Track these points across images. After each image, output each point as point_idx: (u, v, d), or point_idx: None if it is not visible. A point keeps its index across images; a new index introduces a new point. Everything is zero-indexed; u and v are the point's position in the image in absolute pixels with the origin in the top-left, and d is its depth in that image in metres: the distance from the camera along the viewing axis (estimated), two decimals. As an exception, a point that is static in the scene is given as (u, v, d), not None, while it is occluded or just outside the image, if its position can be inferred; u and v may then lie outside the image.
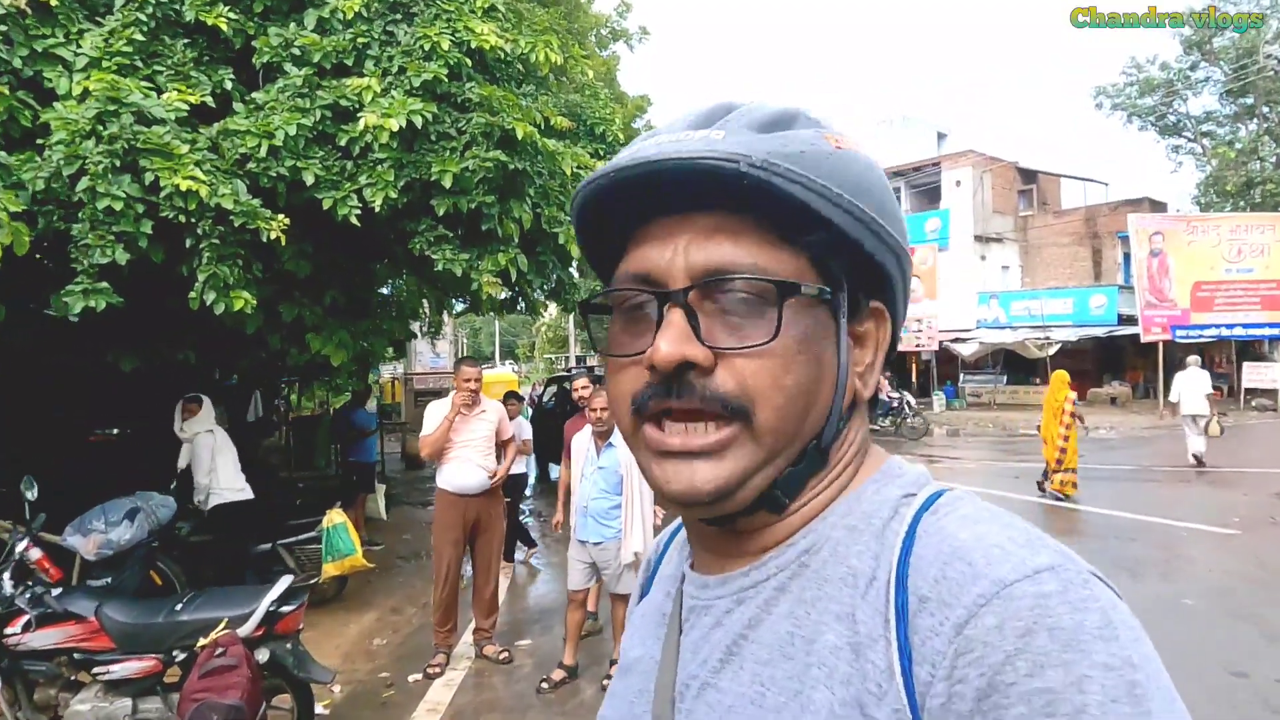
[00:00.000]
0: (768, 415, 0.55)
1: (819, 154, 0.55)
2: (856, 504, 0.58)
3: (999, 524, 0.52)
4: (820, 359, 0.57)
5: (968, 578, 0.48)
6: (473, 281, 5.72)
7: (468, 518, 4.79)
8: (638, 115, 13.11)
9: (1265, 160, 26.79)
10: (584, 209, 0.61)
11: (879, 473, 0.61)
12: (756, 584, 0.58)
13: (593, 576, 4.45)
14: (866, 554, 0.54)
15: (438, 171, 5.29)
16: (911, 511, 0.55)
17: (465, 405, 4.84)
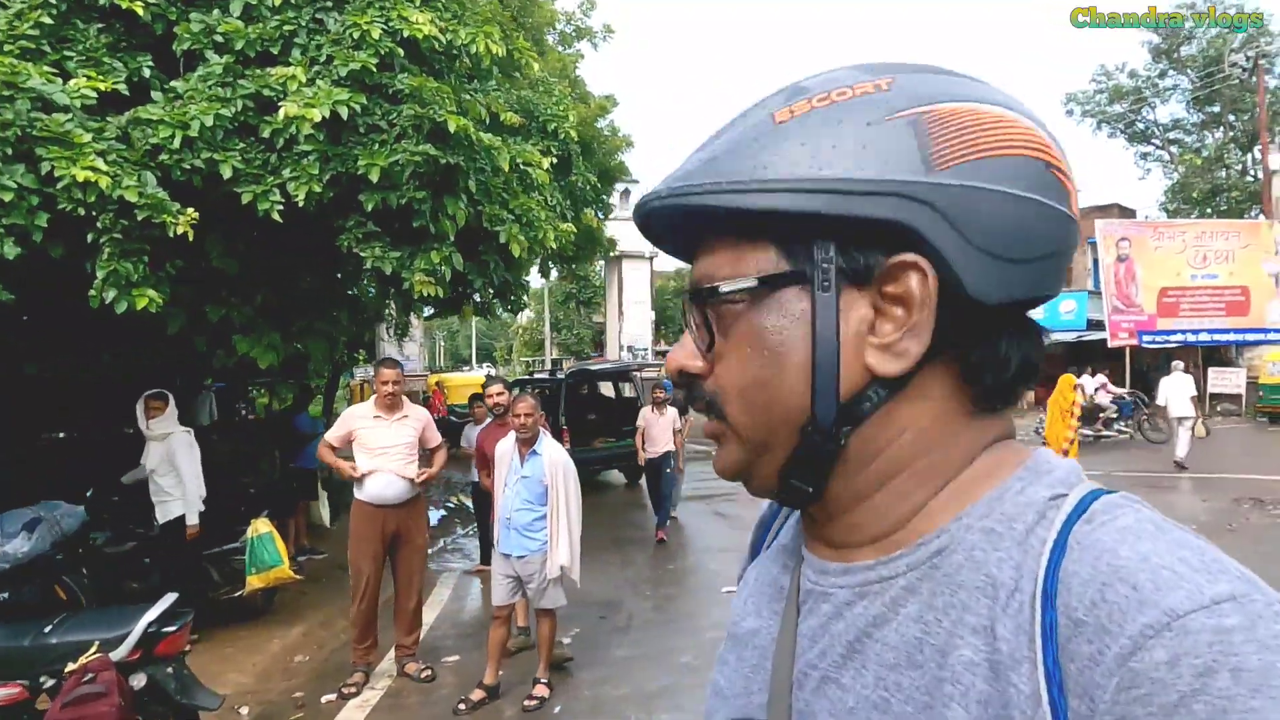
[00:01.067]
0: (732, 412, 0.57)
1: (747, 142, 0.53)
2: (998, 503, 0.53)
3: (1167, 540, 0.46)
4: (780, 345, 0.54)
5: (1133, 604, 0.43)
6: (404, 280, 5.49)
7: (387, 530, 4.54)
8: (601, 115, 12.90)
9: (1231, 168, 27.10)
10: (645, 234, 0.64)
11: (1024, 468, 0.55)
12: (883, 580, 0.55)
13: (517, 592, 4.22)
14: (1007, 562, 0.50)
15: (364, 165, 5.06)
16: (1061, 517, 0.50)
17: (385, 409, 4.60)
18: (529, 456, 4.16)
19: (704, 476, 13.07)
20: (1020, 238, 0.52)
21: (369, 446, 4.54)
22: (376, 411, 4.63)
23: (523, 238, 6.27)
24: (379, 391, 4.62)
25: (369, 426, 4.57)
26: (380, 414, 4.61)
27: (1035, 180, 0.52)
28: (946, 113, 0.52)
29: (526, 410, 4.11)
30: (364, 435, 4.56)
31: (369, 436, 4.55)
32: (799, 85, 0.56)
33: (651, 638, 5.28)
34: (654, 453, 8.52)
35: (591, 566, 7.11)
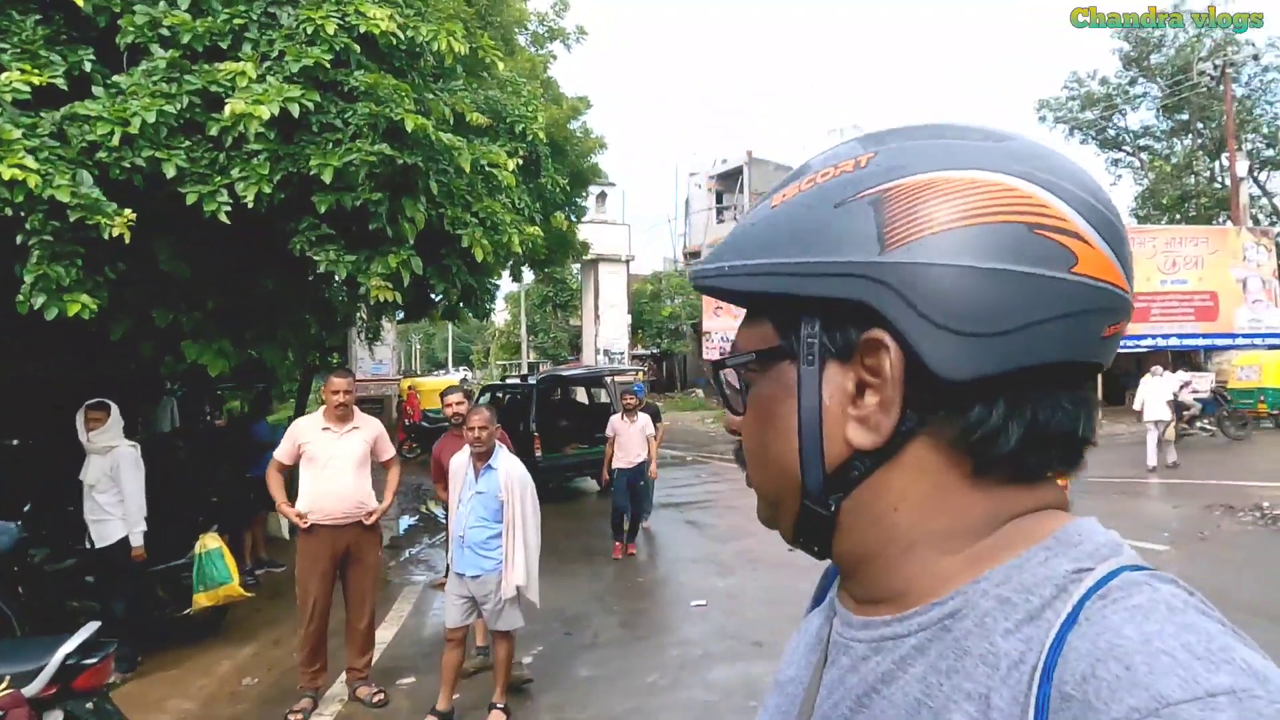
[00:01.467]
0: (748, 470, 0.61)
1: (743, 229, 0.58)
2: (1018, 572, 0.52)
3: (1177, 623, 0.44)
4: (773, 417, 0.57)
5: (1122, 685, 0.41)
6: (361, 285, 5.28)
7: (336, 547, 4.33)
8: (574, 116, 12.72)
9: (1199, 175, 27.48)
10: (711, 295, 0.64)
11: (1053, 538, 0.53)
12: (896, 637, 0.55)
13: (472, 613, 4.03)
14: (1015, 635, 0.48)
15: (317, 165, 4.85)
16: (1080, 591, 0.48)
17: (335, 421, 4.38)
18: (484, 471, 3.97)
19: (676, 483, 12.92)
20: (987, 311, 0.50)
21: (318, 460, 4.31)
22: (326, 423, 4.41)
23: (486, 241, 6.08)
24: (328, 402, 4.40)
25: (317, 439, 4.35)
26: (330, 426, 4.39)
27: (1009, 247, 0.50)
28: (910, 187, 0.52)
29: (481, 423, 3.92)
30: (312, 449, 4.34)
31: (317, 450, 4.33)
32: (806, 164, 0.59)
33: (616, 656, 5.11)
34: (627, 463, 7.77)
35: (558, 579, 6.95)
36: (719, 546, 8.29)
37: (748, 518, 9.87)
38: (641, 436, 7.90)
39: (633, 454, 7.78)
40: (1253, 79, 26.51)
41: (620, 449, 7.84)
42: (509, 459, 4.04)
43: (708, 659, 4.97)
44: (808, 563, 0.63)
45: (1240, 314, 21.07)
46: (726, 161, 38.05)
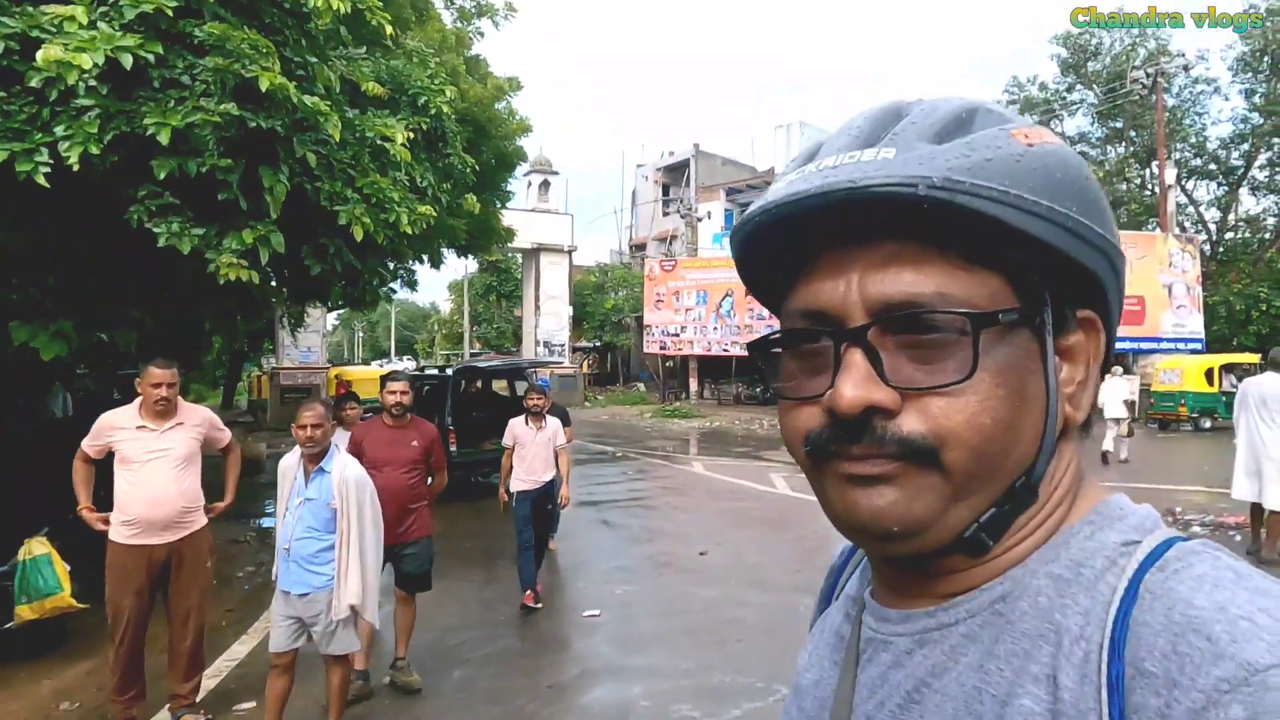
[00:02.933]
0: (960, 456, 0.49)
1: (1008, 157, 0.50)
2: (1064, 548, 0.51)
3: (1247, 590, 0.43)
4: (1023, 389, 0.51)
5: (1207, 656, 0.41)
6: (210, 263, 4.73)
7: (154, 558, 3.80)
8: (501, 96, 12.17)
9: (1130, 181, 28.12)
10: (745, 245, 0.57)
11: (1094, 512, 0.53)
12: (943, 626, 0.53)
13: (300, 635, 3.56)
14: (1074, 610, 0.48)
15: (153, 124, 4.29)
16: (1133, 564, 0.48)
17: (153, 418, 3.85)
18: (315, 474, 3.49)
19: (600, 480, 12.53)
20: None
21: (131, 461, 3.77)
22: (141, 420, 3.85)
23: (369, 220, 5.56)
24: (145, 396, 3.84)
25: (130, 438, 3.81)
26: (146, 423, 3.84)
27: None
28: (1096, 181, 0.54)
29: (314, 420, 3.45)
30: (125, 448, 3.79)
31: (130, 450, 3.79)
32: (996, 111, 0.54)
33: (489, 675, 4.67)
34: (531, 481, 5.93)
35: (451, 583, 6.49)
36: (628, 549, 7.93)
37: (664, 517, 9.56)
38: (549, 447, 6.08)
39: (538, 470, 5.99)
40: (1183, 90, 27.19)
41: (521, 462, 5.97)
42: (345, 461, 3.58)
43: (586, 679, 4.57)
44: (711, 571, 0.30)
45: (1165, 318, 21.56)
46: (674, 154, 37.79)
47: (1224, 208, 28.24)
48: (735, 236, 0.57)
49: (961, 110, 0.53)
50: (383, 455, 4.43)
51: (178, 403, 3.95)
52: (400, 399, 4.51)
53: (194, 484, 3.92)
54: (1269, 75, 25.37)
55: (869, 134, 0.52)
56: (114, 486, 3.81)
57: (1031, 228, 0.49)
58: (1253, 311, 23.41)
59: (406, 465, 4.48)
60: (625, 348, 35.95)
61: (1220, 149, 27.44)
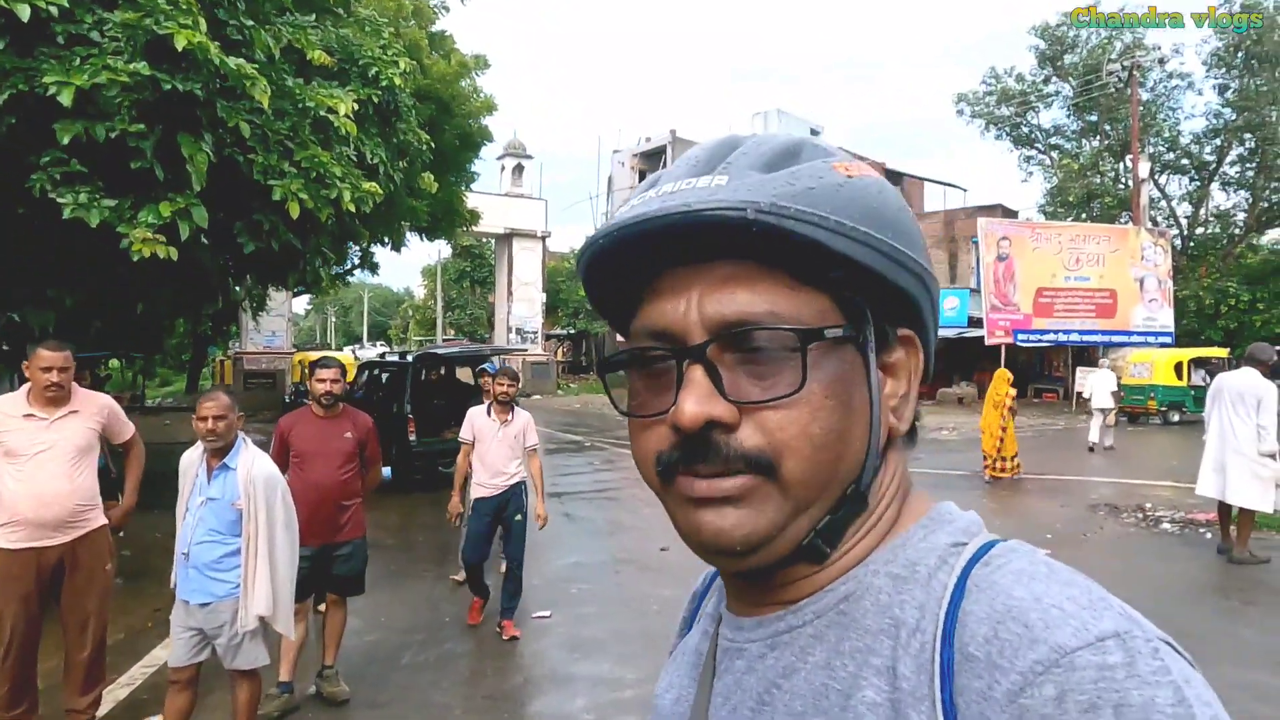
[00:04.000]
0: (795, 466, 0.52)
1: (829, 187, 0.53)
2: (901, 550, 0.55)
3: (1058, 582, 0.48)
4: (850, 401, 0.54)
5: (1024, 641, 0.45)
6: (124, 238, 4.35)
7: (44, 562, 3.44)
8: (465, 73, 11.75)
9: (1104, 174, 28.17)
10: (591, 269, 0.59)
11: (927, 517, 0.57)
12: (792, 629, 0.56)
13: (203, 648, 3.23)
14: (910, 604, 0.51)
15: (54, 83, 3.90)
16: (962, 562, 0.52)
17: (43, 405, 3.48)
18: (218, 472, 3.16)
19: (566, 470, 12.22)
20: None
21: (18, 454, 3.39)
22: (30, 408, 3.47)
23: (306, 195, 5.20)
24: (34, 381, 3.45)
25: (16, 429, 3.42)
26: (35, 411, 3.46)
27: None
28: None
29: (216, 411, 3.11)
30: (10, 440, 3.40)
31: (17, 441, 3.40)
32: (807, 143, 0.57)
33: (427, 682, 4.37)
34: (493, 486, 4.91)
35: (399, 581, 6.17)
36: (588, 544, 7.64)
37: (629, 511, 9.25)
38: (516, 445, 5.01)
39: (501, 472, 4.93)
40: (1157, 84, 27.25)
41: (481, 463, 4.95)
42: (253, 455, 3.24)
43: (528, 688, 4.30)
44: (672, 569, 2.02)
45: (1136, 312, 21.62)
46: (651, 140, 37.29)
47: (1195, 202, 28.42)
48: (581, 260, 0.59)
49: (789, 144, 0.56)
50: (311, 448, 4.09)
51: (72, 389, 3.57)
52: (330, 387, 4.15)
53: (90, 479, 3.55)
54: (1242, 71, 25.48)
55: (705, 163, 0.56)
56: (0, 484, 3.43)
57: (850, 250, 0.52)
58: (1221, 306, 23.61)
59: (339, 459, 4.14)
60: (599, 335, 35.59)
61: (1193, 144, 27.58)
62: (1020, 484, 10.57)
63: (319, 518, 3.90)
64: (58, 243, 5.17)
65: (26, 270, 5.21)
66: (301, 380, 20.97)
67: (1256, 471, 6.24)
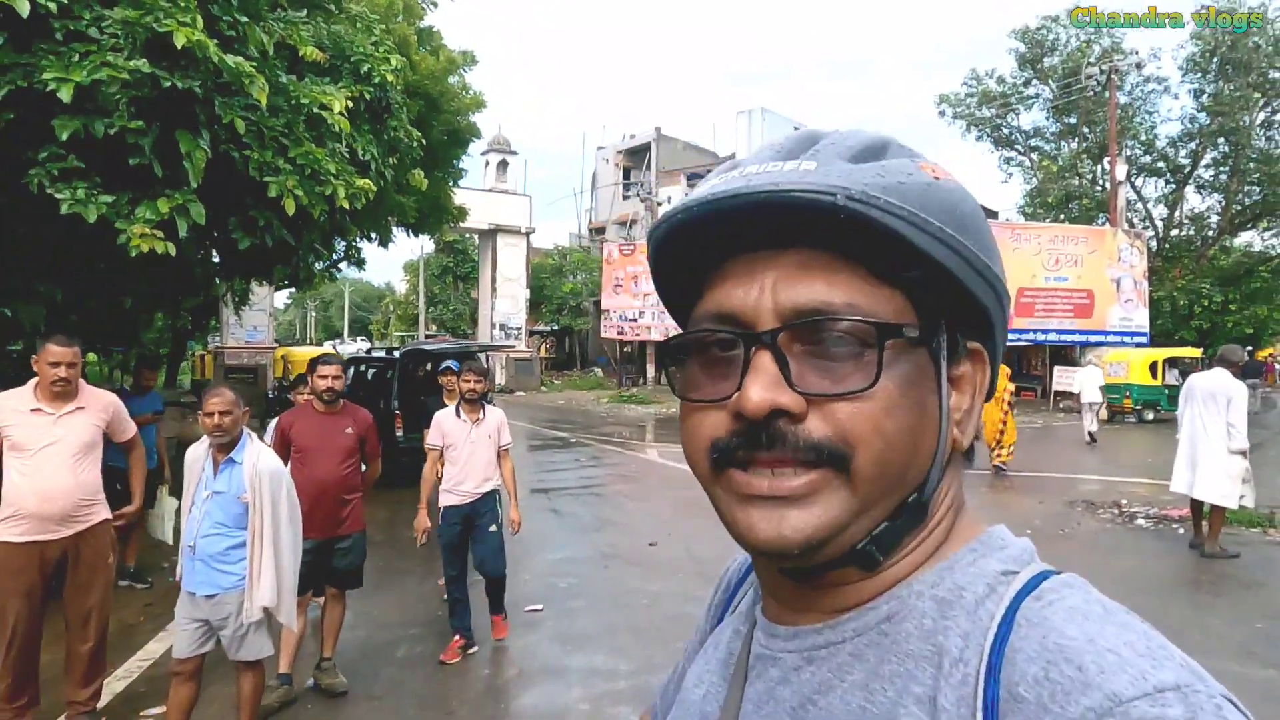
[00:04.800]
0: (867, 461, 0.50)
1: (918, 185, 0.52)
2: (949, 573, 0.53)
3: (1115, 624, 0.46)
4: (923, 405, 0.53)
5: (1076, 685, 0.43)
6: (121, 233, 4.37)
7: (47, 556, 3.48)
8: (454, 69, 11.75)
9: (1083, 176, 28.59)
10: (662, 245, 0.58)
11: (978, 541, 0.56)
12: (830, 644, 0.54)
13: (208, 639, 3.28)
14: (955, 633, 0.50)
15: (53, 79, 3.91)
16: (1011, 592, 0.50)
17: (50, 400, 3.52)
18: (224, 466, 3.21)
19: (552, 466, 12.30)
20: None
21: (24, 449, 3.44)
22: (37, 402, 3.52)
23: (301, 191, 5.23)
24: (42, 376, 3.50)
25: (23, 423, 3.47)
26: (43, 406, 3.50)
27: None
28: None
29: (222, 406, 3.16)
30: (17, 434, 3.45)
31: (23, 436, 3.45)
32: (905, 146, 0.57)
33: (422, 676, 4.44)
34: (463, 494, 4.55)
35: (388, 577, 6.22)
36: (576, 539, 7.72)
37: (615, 506, 9.34)
38: (491, 447, 4.65)
39: (473, 476, 4.58)
40: (1134, 88, 27.68)
41: (453, 467, 4.58)
42: (258, 450, 3.30)
43: (523, 681, 4.37)
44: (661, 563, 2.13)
45: (1113, 312, 22.00)
46: (635, 137, 37.37)
47: (1170, 205, 28.91)
48: (654, 235, 0.57)
49: (876, 139, 0.56)
50: (313, 444, 4.15)
51: (79, 385, 3.62)
52: (331, 384, 4.22)
53: (93, 474, 3.60)
54: (1217, 75, 25.95)
55: (790, 150, 0.54)
56: (2, 477, 3.47)
57: (935, 250, 0.51)
58: (1195, 307, 24.07)
59: (340, 454, 4.20)
60: (583, 332, 35.63)
61: (1169, 147, 28.04)
62: (999, 480, 10.77)
63: (320, 512, 3.96)
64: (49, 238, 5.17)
65: (16, 265, 5.19)
66: (284, 376, 20.87)
67: (1227, 469, 6.43)
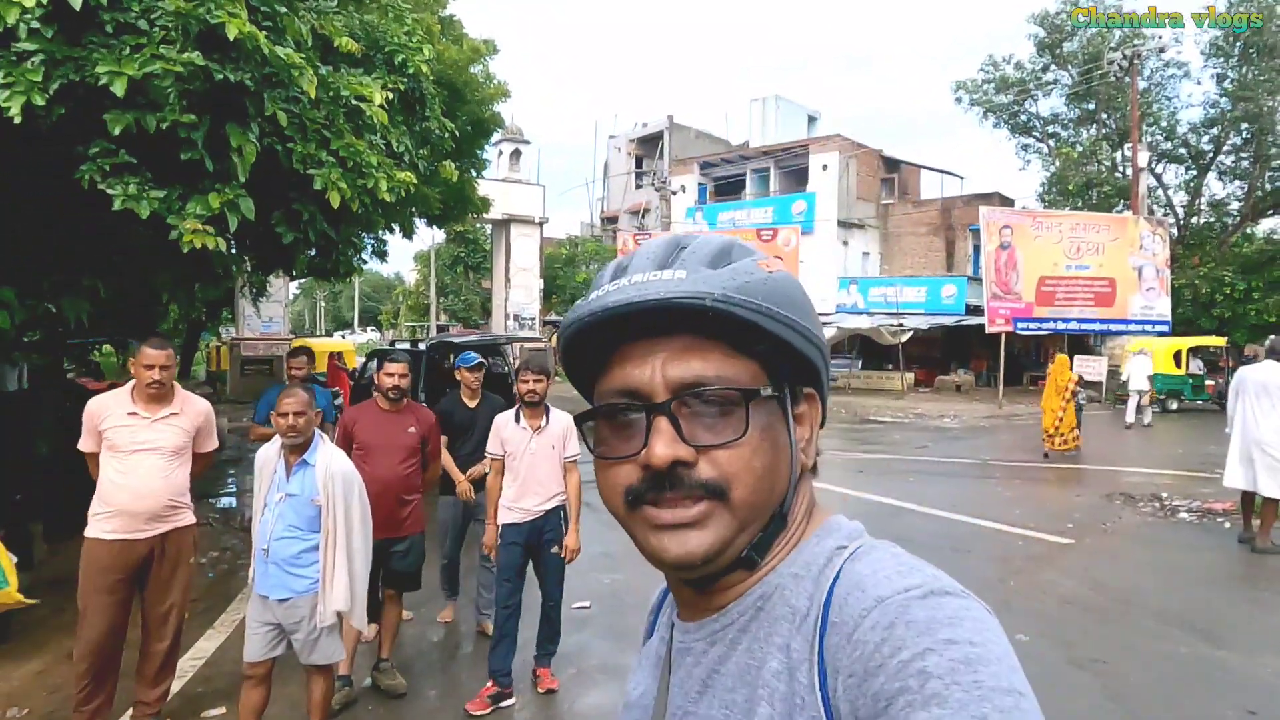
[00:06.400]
0: (742, 493, 0.67)
1: (759, 280, 0.69)
2: (799, 555, 0.70)
3: (894, 561, 0.64)
4: (777, 442, 0.70)
5: (858, 600, 0.61)
6: (173, 228, 4.31)
7: (132, 558, 3.47)
8: (477, 59, 11.63)
9: (1102, 163, 28.24)
10: (571, 340, 0.73)
11: (822, 528, 0.73)
12: (724, 627, 0.70)
13: (279, 643, 3.23)
14: (803, 595, 0.66)
15: (106, 73, 3.84)
16: (841, 559, 0.67)
17: (146, 403, 3.50)
18: (297, 468, 3.15)
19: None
20: None
21: (118, 449, 3.45)
22: (133, 405, 3.52)
23: (345, 184, 5.16)
24: (139, 379, 3.49)
25: (120, 425, 3.48)
26: (139, 409, 3.50)
27: None
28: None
29: (296, 407, 3.10)
30: (114, 435, 3.48)
31: (119, 437, 3.47)
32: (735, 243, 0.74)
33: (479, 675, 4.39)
34: (523, 511, 4.02)
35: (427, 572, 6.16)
36: (611, 534, 7.63)
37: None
38: (554, 459, 4.08)
39: (536, 491, 4.04)
40: (1154, 73, 27.28)
41: (513, 481, 4.07)
42: (330, 452, 3.24)
43: (582, 681, 4.32)
44: None
45: (1134, 301, 21.76)
46: (647, 126, 37.17)
47: (1191, 192, 28.56)
48: (565, 332, 0.72)
49: (724, 245, 0.72)
50: (375, 441, 4.07)
51: (174, 389, 3.60)
52: (398, 382, 4.15)
53: (183, 477, 3.62)
54: (1240, 60, 25.55)
55: (662, 259, 0.70)
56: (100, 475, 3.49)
57: (777, 330, 0.68)
58: (1216, 295, 23.78)
59: (402, 453, 4.13)
60: (595, 322, 35.50)
61: (1190, 133, 27.67)
62: (1029, 474, 10.66)
63: (380, 512, 3.89)
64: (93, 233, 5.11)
65: (61, 260, 5.14)
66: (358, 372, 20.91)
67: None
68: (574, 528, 4.14)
